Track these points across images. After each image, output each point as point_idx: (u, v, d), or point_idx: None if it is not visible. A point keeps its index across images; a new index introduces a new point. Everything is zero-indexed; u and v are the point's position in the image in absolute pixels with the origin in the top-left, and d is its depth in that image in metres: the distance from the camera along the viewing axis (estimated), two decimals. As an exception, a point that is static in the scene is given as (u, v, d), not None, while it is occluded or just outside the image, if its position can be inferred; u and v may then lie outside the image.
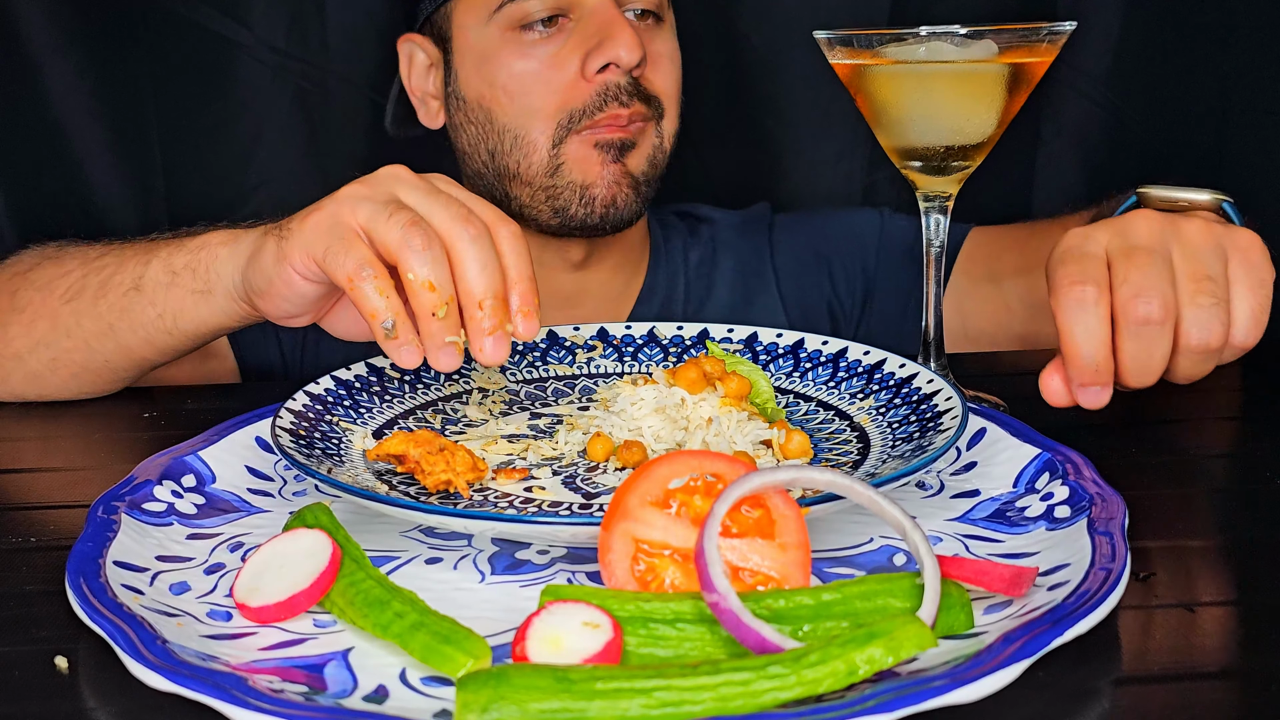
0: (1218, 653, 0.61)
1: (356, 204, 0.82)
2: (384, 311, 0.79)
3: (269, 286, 0.87)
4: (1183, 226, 0.83)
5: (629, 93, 1.25)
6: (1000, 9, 1.40)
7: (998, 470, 0.81)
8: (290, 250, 0.84)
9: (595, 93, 1.25)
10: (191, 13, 1.46)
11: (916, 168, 0.93)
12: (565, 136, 1.26)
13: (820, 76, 1.06)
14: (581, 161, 1.27)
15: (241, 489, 0.82)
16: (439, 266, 0.80)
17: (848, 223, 1.46)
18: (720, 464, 0.64)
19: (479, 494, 0.77)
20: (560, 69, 1.25)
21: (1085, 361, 0.81)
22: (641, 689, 0.52)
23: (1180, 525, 0.76)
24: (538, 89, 1.26)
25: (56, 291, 1.05)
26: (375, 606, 0.61)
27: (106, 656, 0.60)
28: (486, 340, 0.80)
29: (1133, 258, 0.81)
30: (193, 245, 0.98)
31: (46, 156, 1.46)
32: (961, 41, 0.87)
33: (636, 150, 1.28)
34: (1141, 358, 0.81)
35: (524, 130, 1.27)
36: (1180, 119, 1.52)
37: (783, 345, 0.99)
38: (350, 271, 0.80)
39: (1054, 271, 0.83)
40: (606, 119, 1.25)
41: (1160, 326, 0.80)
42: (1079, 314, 0.80)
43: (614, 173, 1.27)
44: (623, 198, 1.28)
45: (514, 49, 1.27)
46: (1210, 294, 0.81)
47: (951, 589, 0.60)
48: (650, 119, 1.28)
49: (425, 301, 0.79)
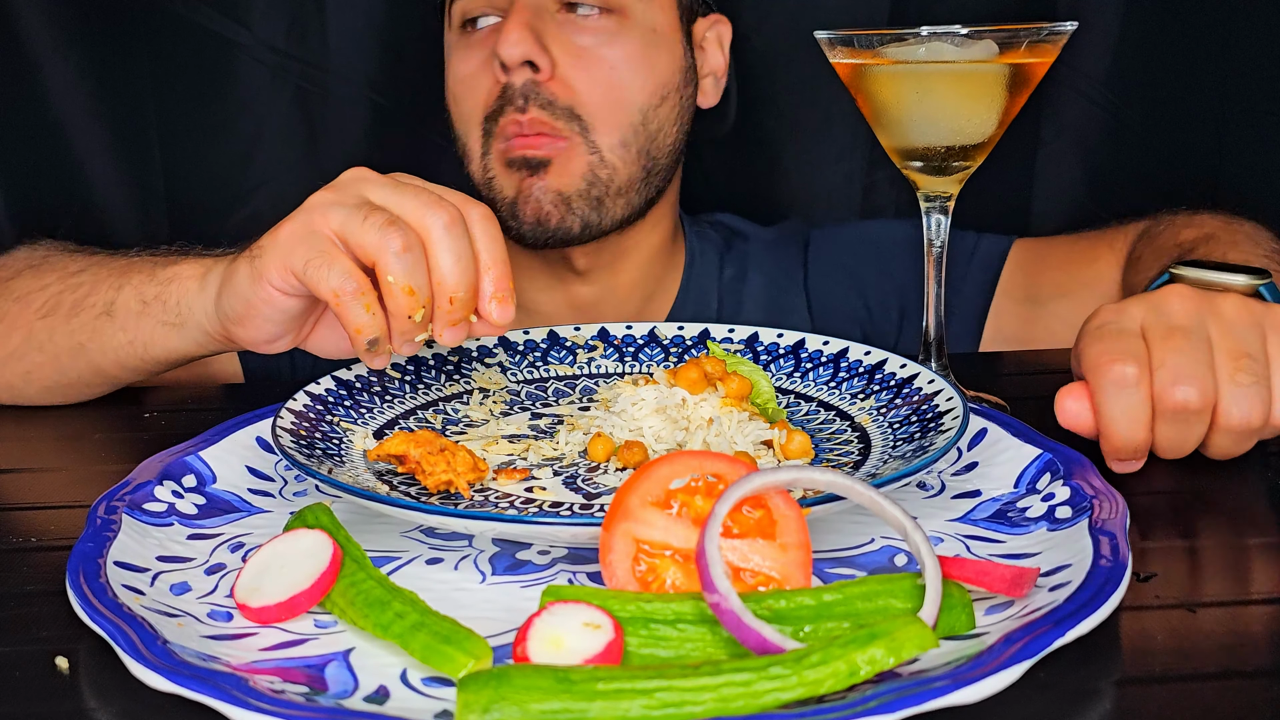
0: (1218, 653, 0.61)
1: (328, 210, 0.81)
2: (370, 329, 0.80)
3: (247, 309, 0.86)
4: (1220, 303, 0.81)
5: (525, 97, 1.19)
6: (1000, 9, 1.40)
7: (999, 471, 0.81)
8: (266, 267, 0.83)
9: (499, 96, 1.20)
10: (191, 13, 1.46)
11: (917, 168, 0.93)
12: (489, 146, 1.23)
13: (820, 76, 1.06)
14: (504, 176, 1.23)
15: (242, 489, 0.82)
16: (418, 270, 0.80)
17: (882, 235, 1.43)
18: (721, 464, 0.64)
19: (480, 494, 0.77)
20: (486, 70, 1.22)
21: (1124, 443, 0.80)
22: (643, 690, 0.52)
23: (1180, 525, 0.76)
24: (469, 93, 1.24)
25: (33, 305, 1.04)
26: (376, 607, 0.61)
27: (107, 657, 0.60)
28: (448, 331, 0.82)
29: (1170, 340, 0.79)
30: (163, 276, 0.97)
31: (46, 156, 1.46)
32: (962, 41, 0.87)
33: (555, 168, 1.21)
34: (1176, 440, 0.80)
35: (465, 138, 1.26)
36: (1180, 119, 1.52)
37: (783, 345, 0.99)
38: (335, 287, 0.79)
39: (1089, 347, 0.81)
40: (508, 124, 1.20)
41: (1199, 414, 0.79)
42: (1120, 396, 0.78)
43: (533, 188, 1.21)
44: (555, 216, 1.22)
45: (458, 51, 1.25)
46: (1250, 372, 0.79)
47: (953, 589, 0.60)
48: (562, 134, 1.20)
49: (403, 305, 0.80)
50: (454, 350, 0.99)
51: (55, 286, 1.05)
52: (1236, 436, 0.80)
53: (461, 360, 0.99)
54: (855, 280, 1.41)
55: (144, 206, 1.51)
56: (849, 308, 1.41)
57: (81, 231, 1.44)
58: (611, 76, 1.22)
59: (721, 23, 1.36)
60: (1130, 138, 1.53)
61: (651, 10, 1.26)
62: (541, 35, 1.19)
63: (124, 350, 0.99)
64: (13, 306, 1.06)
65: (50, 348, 1.02)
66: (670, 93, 1.28)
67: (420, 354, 0.98)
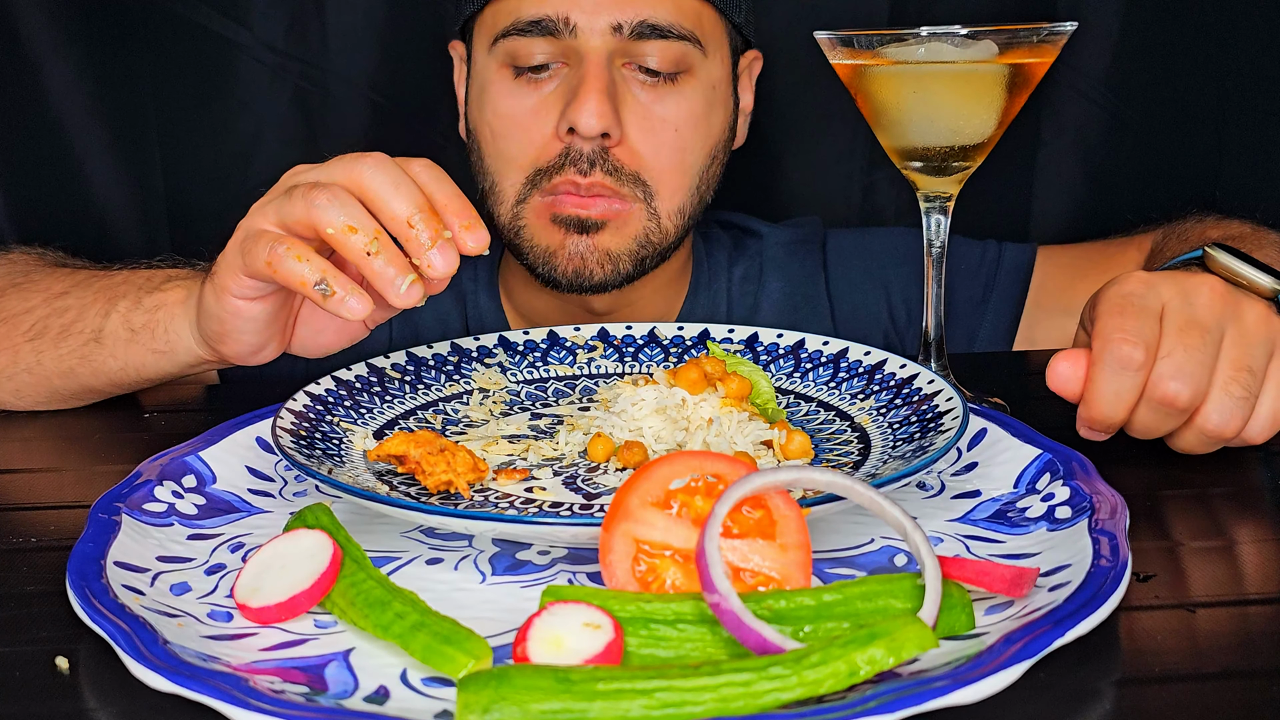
0: (1218, 653, 0.61)
1: (262, 209, 0.83)
2: (310, 273, 0.77)
3: (222, 326, 0.88)
4: (1245, 309, 0.81)
5: (590, 161, 1.15)
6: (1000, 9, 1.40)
7: (998, 471, 0.81)
8: (223, 280, 0.84)
9: (559, 153, 1.16)
10: (191, 13, 1.46)
11: (917, 168, 0.93)
12: (529, 195, 1.18)
13: (820, 76, 1.06)
14: (542, 228, 1.19)
15: (242, 489, 0.82)
16: (350, 207, 0.78)
17: (902, 242, 1.41)
18: (721, 465, 0.64)
19: (480, 494, 0.77)
20: (538, 120, 1.17)
21: (1102, 418, 0.81)
22: (643, 690, 0.52)
23: (1180, 525, 0.76)
24: (515, 135, 1.18)
25: (20, 327, 1.04)
26: (376, 607, 0.61)
27: (107, 657, 0.60)
28: (431, 254, 0.77)
29: (1186, 334, 0.79)
30: (150, 304, 0.97)
31: (46, 156, 1.46)
32: (961, 42, 0.87)
33: (609, 231, 1.18)
34: (1150, 426, 0.82)
35: (498, 177, 1.21)
36: (1180, 119, 1.52)
37: (783, 345, 0.99)
38: (266, 256, 0.79)
39: (1108, 316, 0.81)
40: (564, 183, 1.16)
41: (1182, 411, 0.80)
42: (1117, 375, 0.79)
43: (580, 245, 1.18)
44: (600, 273, 1.19)
45: (503, 87, 1.19)
46: (1244, 386, 0.80)
47: (952, 590, 0.60)
48: (624, 198, 1.17)
49: (354, 245, 0.77)
50: (453, 350, 0.99)
51: (41, 310, 1.04)
52: (1206, 439, 0.82)
53: (461, 360, 0.99)
54: (881, 287, 1.39)
55: (143, 206, 1.51)
56: (874, 316, 1.39)
57: (81, 231, 1.44)
58: (675, 141, 1.19)
59: (757, 59, 1.33)
60: (1130, 138, 1.53)
61: (713, 65, 1.22)
62: (614, 100, 1.15)
63: (117, 374, 1.00)
64: (0, 327, 1.06)
65: (39, 370, 1.02)
66: (719, 150, 1.25)
67: (420, 354, 0.98)
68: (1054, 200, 1.56)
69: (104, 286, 1.03)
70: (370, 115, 1.52)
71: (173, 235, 1.52)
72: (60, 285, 1.06)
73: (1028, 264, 1.35)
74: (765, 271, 1.38)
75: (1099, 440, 0.84)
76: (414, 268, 0.78)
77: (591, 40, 1.14)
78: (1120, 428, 0.83)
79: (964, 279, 1.36)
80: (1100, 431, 0.83)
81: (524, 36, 1.16)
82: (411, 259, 0.78)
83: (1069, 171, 1.55)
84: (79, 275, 1.08)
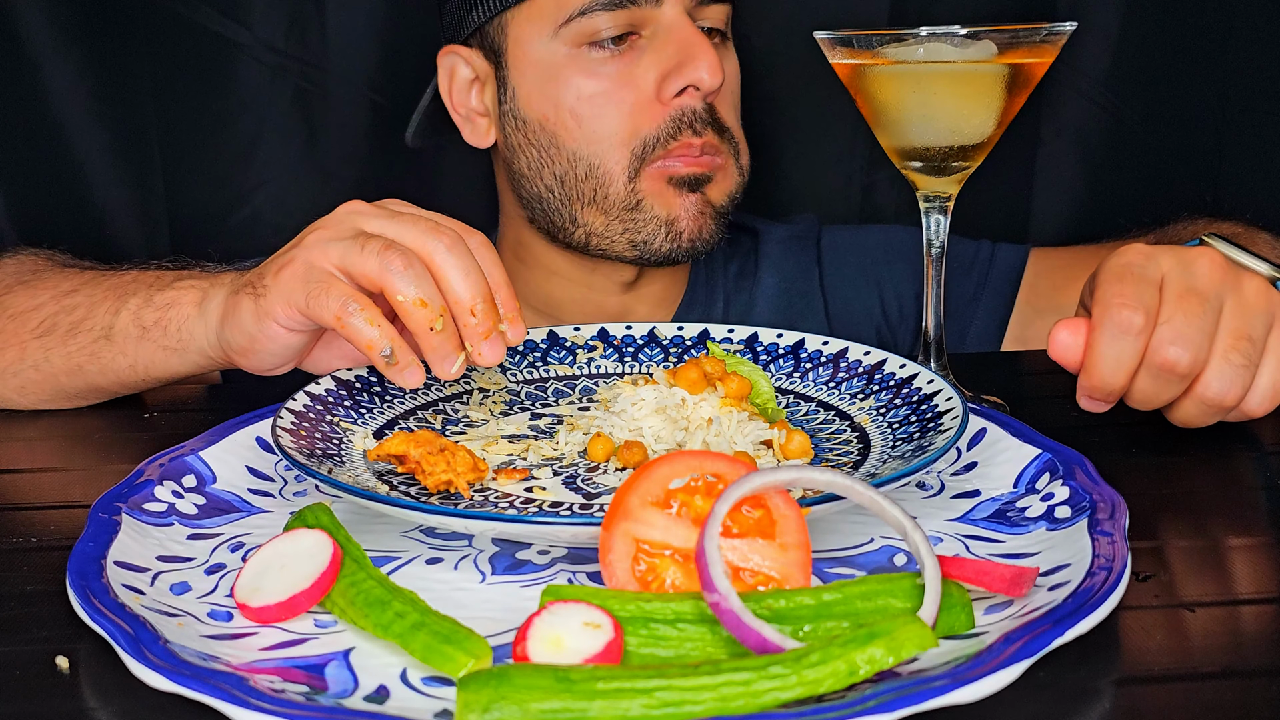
0: (1218, 653, 0.61)
1: (326, 246, 0.83)
2: (380, 340, 0.81)
3: (251, 344, 0.88)
4: (1244, 281, 0.82)
5: (704, 120, 1.18)
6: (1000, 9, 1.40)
7: (998, 470, 0.81)
8: (271, 306, 0.85)
9: (670, 118, 1.17)
10: (191, 13, 1.46)
11: (916, 168, 0.93)
12: (640, 168, 1.19)
13: (820, 76, 1.06)
14: (660, 195, 1.20)
15: (242, 489, 0.82)
16: (424, 282, 0.80)
17: (897, 238, 1.42)
18: (721, 464, 0.64)
19: (479, 494, 0.77)
20: (633, 89, 1.18)
21: (1103, 384, 0.81)
22: (642, 689, 0.52)
23: (1180, 525, 0.76)
24: (609, 111, 1.18)
25: (28, 324, 1.04)
26: (376, 606, 0.61)
27: (107, 656, 0.60)
28: (484, 345, 0.82)
29: (1184, 300, 0.80)
30: (161, 301, 0.97)
31: (46, 156, 1.46)
32: (961, 42, 0.87)
33: (714, 184, 1.21)
34: (1150, 394, 0.82)
35: (597, 158, 1.20)
36: (1180, 119, 1.52)
37: (783, 345, 0.99)
38: (336, 310, 0.81)
39: (1108, 284, 0.81)
40: (680, 148, 1.18)
41: (1182, 378, 0.81)
42: (1117, 339, 0.80)
43: (695, 203, 1.20)
44: (707, 229, 1.22)
45: (581, 66, 1.18)
46: (1244, 354, 0.80)
47: (952, 589, 0.60)
48: (723, 153, 1.21)
49: (420, 319, 0.80)
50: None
51: (50, 306, 1.04)
52: (1206, 409, 0.82)
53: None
54: (874, 284, 1.40)
55: (144, 207, 1.51)
56: (867, 311, 1.40)
57: (81, 232, 1.44)
58: (736, 100, 1.25)
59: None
60: (1130, 138, 1.53)
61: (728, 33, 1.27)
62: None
63: (125, 372, 1.00)
64: (8, 324, 1.06)
65: (46, 367, 1.02)
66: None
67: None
68: (1053, 200, 1.56)
69: (114, 284, 1.03)
70: (370, 115, 1.52)
71: (173, 235, 1.52)
72: (70, 283, 1.07)
73: (1020, 264, 1.36)
74: (760, 268, 1.39)
75: (1100, 411, 0.84)
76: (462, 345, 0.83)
77: (675, 4, 1.18)
78: (1120, 398, 0.83)
79: (957, 276, 1.37)
80: (1101, 400, 0.83)
81: (607, 11, 1.17)
82: (464, 342, 0.83)
83: (1069, 171, 1.55)
84: (88, 274, 1.08)
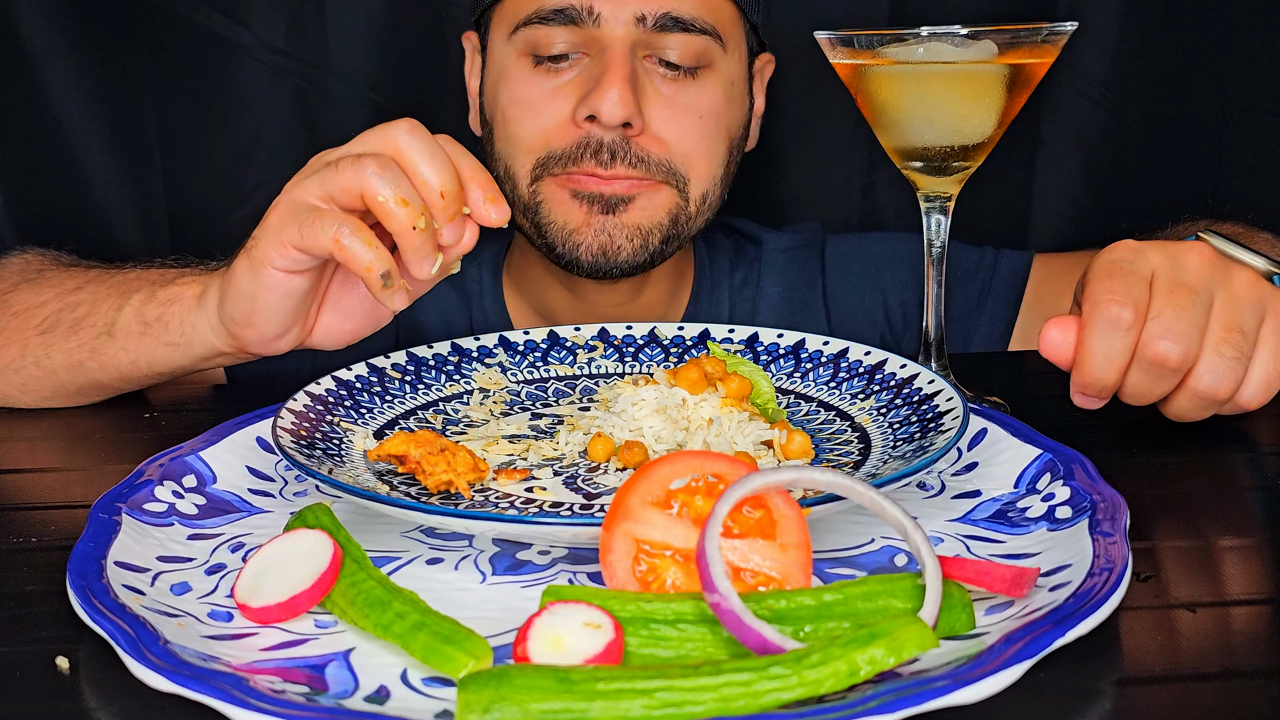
0: (1218, 653, 0.61)
1: (305, 183, 0.83)
2: (377, 262, 0.80)
3: (252, 304, 0.87)
4: (1234, 274, 0.82)
5: (614, 152, 1.14)
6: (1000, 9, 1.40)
7: (999, 471, 0.81)
8: (265, 251, 0.84)
9: (577, 141, 1.15)
10: (191, 13, 1.46)
11: (917, 168, 0.93)
12: (541, 176, 1.18)
13: (820, 76, 1.06)
14: (560, 203, 1.17)
15: (242, 489, 0.82)
16: (402, 181, 0.80)
17: (900, 246, 1.41)
18: (721, 464, 0.64)
19: (480, 494, 0.77)
20: (553, 105, 1.16)
21: (1094, 380, 0.82)
22: (643, 689, 0.52)
23: (1180, 525, 0.76)
24: (528, 120, 1.18)
25: (31, 322, 1.04)
26: (376, 607, 0.61)
27: (108, 657, 0.60)
28: (448, 228, 0.82)
29: (1174, 294, 0.80)
30: (164, 297, 0.97)
31: (46, 156, 1.46)
32: (961, 42, 0.87)
33: (637, 208, 1.17)
34: (1142, 389, 0.82)
35: (510, 160, 1.20)
36: (1180, 119, 1.52)
37: (784, 346, 0.99)
38: (333, 233, 0.80)
39: (1097, 280, 0.82)
40: (581, 172, 1.15)
41: (1174, 371, 0.81)
42: (1107, 335, 0.80)
43: (604, 224, 1.16)
44: (627, 249, 1.17)
45: (521, 74, 1.19)
46: (1236, 347, 0.80)
47: (953, 589, 0.60)
48: (651, 180, 1.16)
49: (403, 218, 0.80)
50: (454, 350, 0.99)
51: (53, 304, 1.04)
52: (1199, 402, 0.83)
53: (462, 360, 0.99)
54: (878, 291, 1.39)
55: (143, 207, 1.51)
56: (871, 319, 1.39)
57: (81, 232, 1.44)
58: (700, 127, 1.18)
59: (770, 63, 1.33)
60: (1130, 138, 1.53)
61: (731, 62, 1.22)
62: (636, 89, 1.14)
63: (127, 368, 1.00)
64: (11, 321, 1.06)
65: (47, 364, 1.03)
66: (736, 147, 1.26)
67: (420, 353, 0.98)
68: (1054, 200, 1.56)
69: (117, 282, 1.03)
70: (370, 115, 1.52)
71: (173, 235, 1.52)
72: (74, 281, 1.07)
73: (1024, 270, 1.36)
74: (763, 277, 1.39)
75: (1094, 407, 0.84)
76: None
77: (615, 30, 1.15)
78: (1114, 394, 0.83)
79: (961, 284, 1.37)
80: (1094, 397, 0.83)
81: (546, 25, 1.16)
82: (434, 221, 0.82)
83: (1069, 172, 1.55)
84: (92, 273, 1.09)
